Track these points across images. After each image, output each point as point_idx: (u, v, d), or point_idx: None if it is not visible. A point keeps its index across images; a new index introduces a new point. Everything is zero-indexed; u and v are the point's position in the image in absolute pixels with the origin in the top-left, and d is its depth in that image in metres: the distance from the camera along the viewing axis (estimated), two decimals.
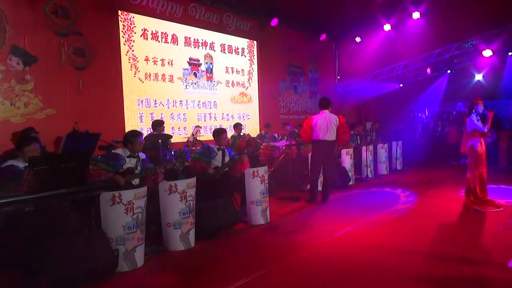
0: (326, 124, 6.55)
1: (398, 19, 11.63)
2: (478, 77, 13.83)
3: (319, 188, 6.95)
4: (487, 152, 5.87)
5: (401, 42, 11.96)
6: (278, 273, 3.70)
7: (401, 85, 14.51)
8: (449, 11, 10.69)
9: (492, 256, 3.94)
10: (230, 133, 8.66)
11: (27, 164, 3.90)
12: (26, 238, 3.40)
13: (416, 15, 11.05)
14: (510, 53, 11.89)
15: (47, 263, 3.25)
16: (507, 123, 11.49)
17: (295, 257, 4.10)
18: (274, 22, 11.12)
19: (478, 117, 5.73)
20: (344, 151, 8.43)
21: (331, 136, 6.61)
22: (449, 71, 13.60)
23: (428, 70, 13.18)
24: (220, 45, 10.30)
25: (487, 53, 10.95)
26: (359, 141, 9.63)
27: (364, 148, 9.11)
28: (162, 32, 8.87)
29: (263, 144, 7.89)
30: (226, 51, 10.50)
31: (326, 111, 6.67)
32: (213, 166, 5.62)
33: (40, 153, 5.51)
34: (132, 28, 8.28)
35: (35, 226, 3.49)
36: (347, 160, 8.42)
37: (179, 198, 4.36)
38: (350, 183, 8.33)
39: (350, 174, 8.34)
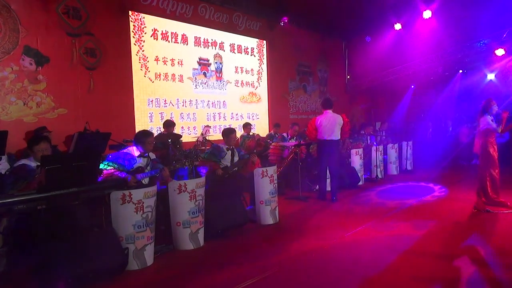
0: (330, 124, 6.67)
1: (409, 18, 11.52)
2: (491, 76, 13.63)
3: (328, 187, 6.97)
4: (499, 153, 5.80)
5: (412, 41, 11.85)
6: (286, 273, 3.70)
7: (413, 86, 14.38)
8: (460, 9, 10.56)
9: (503, 257, 3.89)
10: (240, 133, 8.68)
11: (39, 163, 3.95)
12: (37, 236, 3.45)
13: (427, 14, 10.94)
14: None
15: (57, 261, 3.29)
16: None
17: (304, 257, 4.09)
18: (284, 21, 11.12)
19: (492, 117, 5.67)
20: (353, 151, 8.39)
21: (336, 135, 6.71)
22: (461, 71, 13.43)
23: (440, 70, 13.03)
24: (230, 45, 10.32)
25: (500, 52, 10.80)
26: (369, 141, 9.57)
27: (374, 148, 9.05)
28: (172, 32, 8.93)
29: (272, 144, 7.89)
30: (236, 51, 10.52)
31: (330, 111, 6.79)
32: (223, 166, 5.64)
33: (52, 152, 5.59)
34: (143, 28, 8.35)
35: (46, 224, 3.54)
36: (356, 160, 8.37)
37: (188, 198, 4.38)
38: (360, 183, 8.29)
39: (359, 175, 8.30)
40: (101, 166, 4.23)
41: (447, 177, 8.97)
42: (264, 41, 11.39)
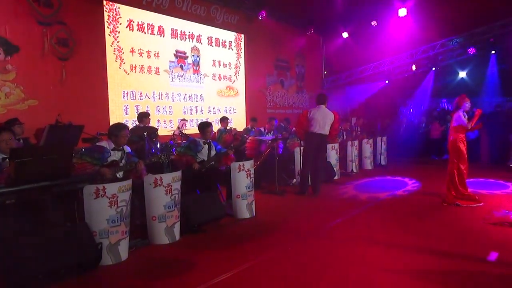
0: (323, 118, 6.78)
1: (385, 15, 11.71)
2: (462, 74, 14.07)
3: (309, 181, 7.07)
4: (468, 148, 6.00)
5: (387, 38, 12.06)
6: (262, 266, 3.72)
7: (387, 81, 14.66)
8: (435, 9, 10.81)
9: (471, 250, 4.03)
10: (216, 126, 8.63)
11: (4, 156, 3.81)
12: (7, 231, 3.34)
13: (402, 12, 11.14)
14: (493, 52, 12.12)
15: (29, 256, 3.20)
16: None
17: (279, 251, 4.12)
18: (262, 15, 11.09)
19: (465, 113, 5.86)
20: (329, 146, 8.49)
21: (326, 130, 6.84)
22: (434, 68, 13.79)
23: (413, 67, 13.34)
24: (207, 38, 10.22)
25: (471, 51, 11.14)
26: (345, 136, 9.71)
27: (349, 143, 9.20)
28: (148, 24, 8.75)
29: (250, 138, 7.89)
30: (213, 44, 10.43)
31: (323, 106, 6.89)
32: (199, 159, 5.60)
33: (23, 145, 5.41)
34: (118, 18, 8.14)
35: (16, 220, 3.43)
36: (332, 154, 8.49)
37: (164, 192, 4.33)
38: (335, 177, 8.41)
39: (335, 169, 8.42)
40: (74, 159, 4.12)
41: (419, 172, 9.20)
42: (242, 35, 11.33)
